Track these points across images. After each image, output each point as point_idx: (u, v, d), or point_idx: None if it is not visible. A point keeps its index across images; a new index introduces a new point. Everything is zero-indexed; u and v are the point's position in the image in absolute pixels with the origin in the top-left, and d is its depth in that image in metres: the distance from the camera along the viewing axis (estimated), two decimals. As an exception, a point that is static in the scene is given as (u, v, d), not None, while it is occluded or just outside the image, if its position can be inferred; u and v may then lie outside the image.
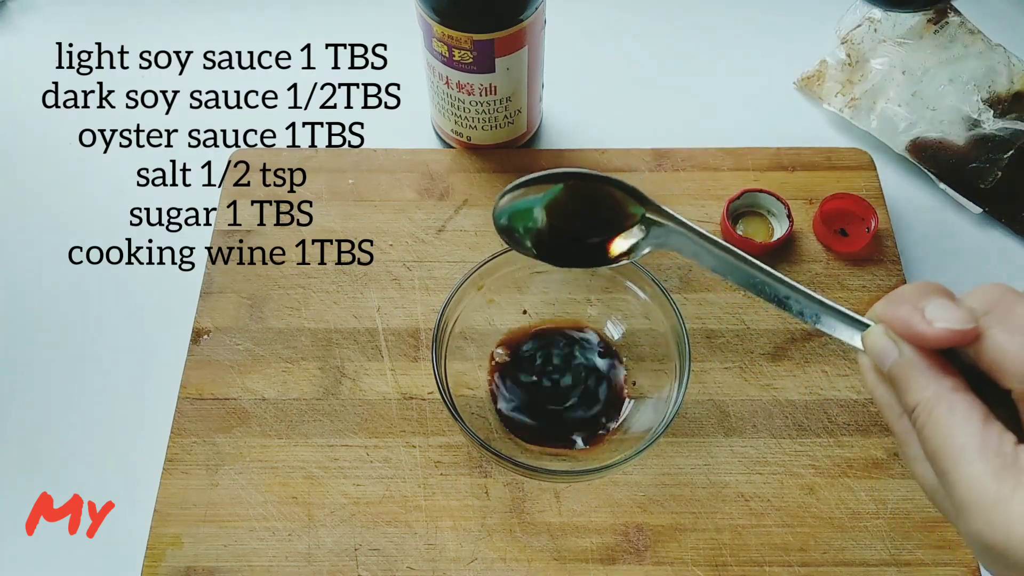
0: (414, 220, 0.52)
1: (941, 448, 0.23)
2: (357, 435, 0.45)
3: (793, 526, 0.42)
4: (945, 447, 0.23)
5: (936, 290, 0.25)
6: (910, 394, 0.24)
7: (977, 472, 0.22)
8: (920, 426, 0.24)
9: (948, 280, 0.50)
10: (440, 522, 0.42)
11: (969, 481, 0.22)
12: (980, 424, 0.23)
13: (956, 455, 0.23)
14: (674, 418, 0.39)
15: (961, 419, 0.23)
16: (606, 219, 0.34)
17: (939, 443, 0.23)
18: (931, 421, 0.24)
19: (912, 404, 0.24)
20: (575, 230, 0.35)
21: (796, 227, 0.51)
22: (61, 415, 0.47)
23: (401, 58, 0.57)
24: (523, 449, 0.43)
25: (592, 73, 0.61)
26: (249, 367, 0.47)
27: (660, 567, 0.41)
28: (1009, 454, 0.22)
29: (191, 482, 0.43)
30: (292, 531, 0.42)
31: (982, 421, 0.23)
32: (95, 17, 0.64)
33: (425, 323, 0.48)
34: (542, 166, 0.54)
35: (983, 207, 0.53)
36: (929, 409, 0.24)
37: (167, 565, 0.41)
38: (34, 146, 0.57)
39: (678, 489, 0.43)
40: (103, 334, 0.50)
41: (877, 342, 0.26)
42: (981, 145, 0.54)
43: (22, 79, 0.60)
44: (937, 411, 0.24)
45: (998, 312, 0.24)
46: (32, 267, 0.52)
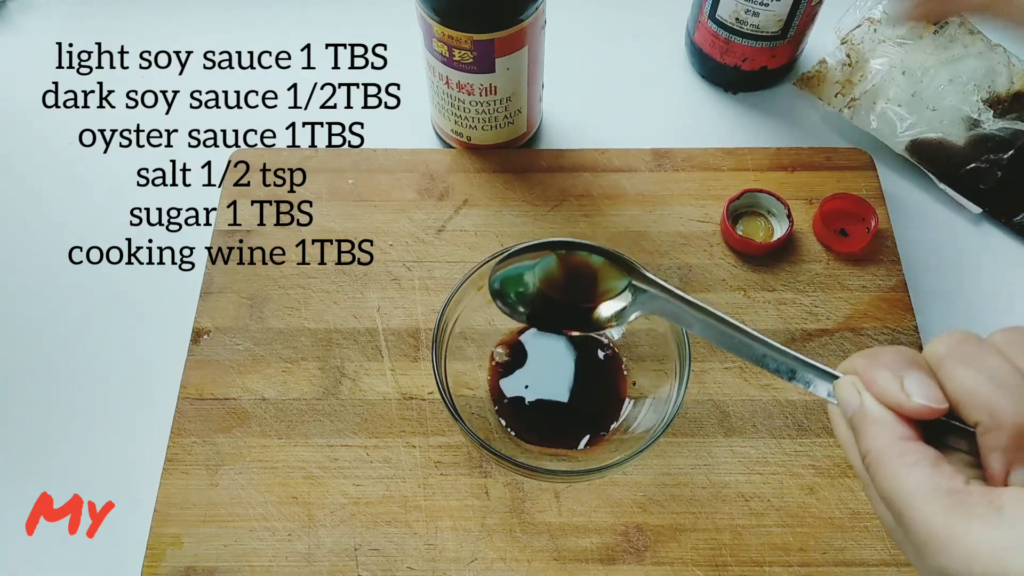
0: (414, 220, 0.52)
1: (894, 492, 0.24)
2: (357, 435, 0.45)
3: (793, 526, 0.42)
4: (897, 491, 0.24)
5: (914, 361, 0.26)
6: (864, 441, 0.26)
7: (931, 512, 0.23)
8: (872, 471, 0.25)
9: (948, 280, 0.51)
10: (440, 522, 0.42)
11: (924, 521, 0.23)
12: (930, 467, 0.24)
13: (908, 498, 0.24)
14: (674, 418, 0.39)
15: (911, 463, 0.24)
16: (594, 287, 0.37)
17: (891, 487, 0.24)
18: (882, 467, 0.25)
19: (864, 451, 0.26)
20: (565, 297, 0.37)
21: (796, 227, 0.51)
22: (61, 415, 0.47)
23: (401, 58, 0.58)
24: (523, 449, 0.43)
25: (592, 73, 0.61)
26: (249, 367, 0.47)
27: (660, 567, 0.41)
28: (961, 491, 0.23)
29: (191, 482, 0.43)
30: (292, 531, 0.42)
31: (932, 465, 0.24)
32: (95, 17, 0.64)
33: (425, 323, 0.48)
34: (542, 166, 0.54)
35: (983, 207, 0.53)
36: (879, 456, 0.25)
37: (167, 565, 0.41)
38: (34, 146, 0.57)
39: (678, 489, 0.43)
40: (103, 334, 0.50)
41: (845, 392, 0.27)
42: (981, 145, 0.54)
43: (22, 79, 0.60)
44: (886, 457, 0.25)
45: (958, 353, 0.25)
46: (32, 267, 0.52)
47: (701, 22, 0.56)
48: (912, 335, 0.47)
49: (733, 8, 0.53)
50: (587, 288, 0.37)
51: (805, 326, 0.48)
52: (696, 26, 0.58)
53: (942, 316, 0.50)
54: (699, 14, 0.56)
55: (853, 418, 0.26)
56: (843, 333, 0.48)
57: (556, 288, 0.37)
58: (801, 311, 0.48)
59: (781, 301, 0.49)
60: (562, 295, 0.37)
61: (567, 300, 0.37)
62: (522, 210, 0.52)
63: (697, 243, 0.51)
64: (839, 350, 0.47)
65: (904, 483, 0.24)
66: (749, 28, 0.54)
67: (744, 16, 0.53)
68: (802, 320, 0.48)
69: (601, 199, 0.53)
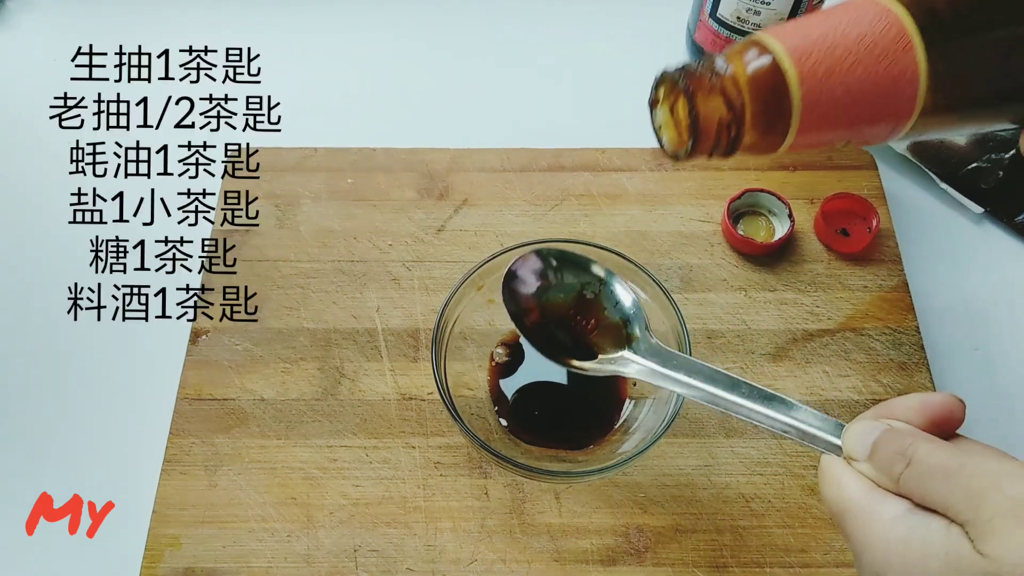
0: (413, 220, 0.52)
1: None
2: (356, 436, 0.44)
3: (794, 527, 0.42)
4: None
5: (923, 434, 0.27)
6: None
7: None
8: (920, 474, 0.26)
9: (950, 280, 0.51)
10: (440, 523, 0.42)
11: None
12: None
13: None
14: (674, 419, 0.39)
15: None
16: (599, 340, 0.39)
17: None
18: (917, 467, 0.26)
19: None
20: (564, 330, 0.39)
21: (797, 227, 0.51)
22: (61, 415, 0.47)
23: (401, 58, 0.57)
24: (523, 450, 0.43)
25: (593, 72, 0.61)
26: (248, 367, 0.47)
27: (660, 568, 0.41)
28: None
29: (190, 483, 0.43)
30: (291, 532, 0.42)
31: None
32: (95, 17, 0.63)
33: (425, 323, 0.48)
34: (542, 166, 0.54)
35: (984, 207, 0.53)
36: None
37: (166, 566, 0.41)
38: (32, 145, 0.57)
39: (678, 490, 0.43)
40: (102, 334, 0.49)
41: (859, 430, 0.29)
42: (982, 145, 0.54)
43: (22, 78, 0.59)
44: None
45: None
46: (31, 266, 0.52)
47: (702, 21, 0.56)
48: (913, 335, 0.47)
49: (734, 7, 0.53)
50: (589, 340, 0.39)
51: (806, 326, 0.48)
52: (697, 25, 0.57)
53: (943, 316, 0.50)
54: (700, 13, 0.56)
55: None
56: (844, 333, 0.47)
57: (561, 319, 0.39)
58: (802, 311, 0.48)
59: (782, 301, 0.49)
60: (561, 328, 0.39)
61: (565, 336, 0.39)
62: (522, 210, 0.52)
63: (698, 243, 0.51)
64: (840, 350, 0.47)
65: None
66: (751, 27, 0.53)
67: (745, 15, 0.53)
68: (803, 320, 0.48)
69: (601, 199, 0.52)
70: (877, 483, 0.27)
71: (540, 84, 0.61)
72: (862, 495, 0.27)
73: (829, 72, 0.29)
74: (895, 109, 0.30)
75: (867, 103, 0.30)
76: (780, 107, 0.30)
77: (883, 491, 0.26)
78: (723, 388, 0.33)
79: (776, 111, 0.30)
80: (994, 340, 0.49)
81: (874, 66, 0.29)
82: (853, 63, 0.29)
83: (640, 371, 0.37)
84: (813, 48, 0.29)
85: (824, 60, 0.29)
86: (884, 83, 0.29)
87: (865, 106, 0.30)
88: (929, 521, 0.25)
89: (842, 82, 0.29)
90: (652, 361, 0.37)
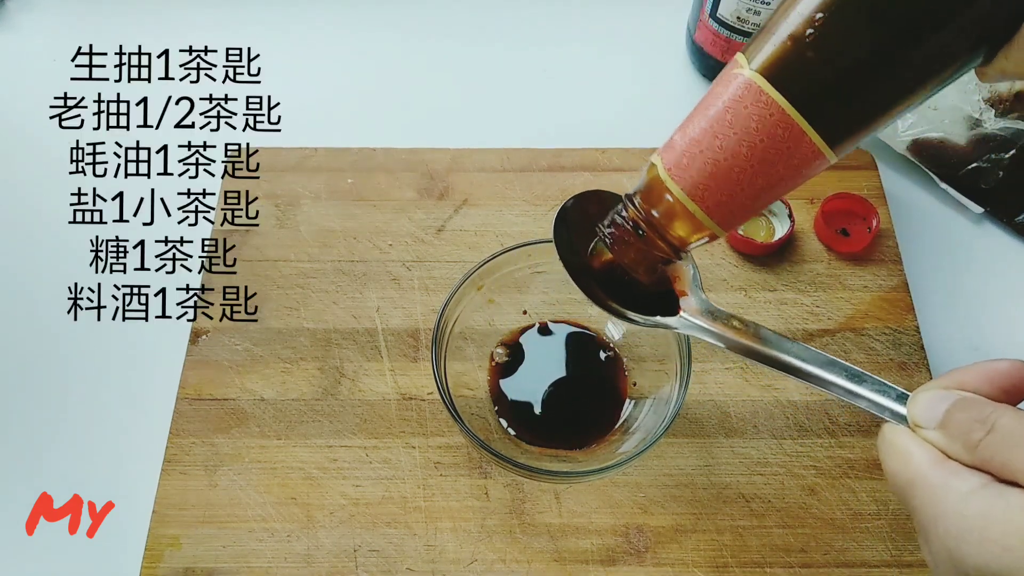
0: (414, 220, 0.52)
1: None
2: (356, 436, 0.44)
3: (794, 527, 0.42)
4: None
5: (1002, 404, 0.26)
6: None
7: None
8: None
9: (950, 280, 0.51)
10: (440, 523, 0.42)
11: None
12: None
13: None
14: (675, 419, 0.39)
15: None
16: (650, 293, 0.35)
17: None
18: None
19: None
20: (616, 280, 0.35)
21: (797, 227, 0.51)
22: (61, 415, 0.47)
23: (401, 59, 0.57)
24: (523, 450, 0.43)
25: (593, 72, 0.61)
26: (248, 367, 0.47)
27: (660, 568, 0.41)
28: None
29: (190, 483, 0.43)
30: (291, 532, 0.42)
31: None
32: (95, 17, 0.63)
33: (425, 323, 0.48)
34: (542, 166, 0.54)
35: (984, 207, 0.53)
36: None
37: (165, 566, 0.41)
38: (32, 145, 0.57)
39: (679, 490, 0.43)
40: (102, 334, 0.49)
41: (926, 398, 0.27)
42: (982, 145, 0.54)
43: (21, 79, 0.59)
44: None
45: None
46: (31, 266, 0.52)
47: (702, 21, 0.56)
48: (913, 335, 0.47)
49: (734, 7, 0.53)
50: (640, 290, 0.35)
51: (806, 326, 0.48)
52: (697, 25, 0.57)
53: (943, 316, 0.50)
54: (700, 13, 0.56)
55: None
56: (844, 333, 0.47)
57: (611, 270, 0.35)
58: (802, 311, 0.48)
59: (782, 301, 0.49)
60: (613, 278, 0.35)
61: (615, 285, 0.35)
62: (522, 210, 0.52)
63: (698, 243, 0.51)
64: (840, 350, 0.47)
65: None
66: (751, 27, 0.53)
67: (745, 15, 0.53)
68: (803, 320, 0.48)
69: (601, 199, 0.52)
70: (947, 453, 0.25)
71: (540, 84, 0.61)
72: (932, 466, 0.25)
73: (714, 173, 0.30)
74: (803, 161, 0.29)
75: (767, 174, 0.29)
76: (691, 224, 0.31)
77: (955, 463, 0.25)
78: (772, 347, 0.32)
79: (690, 227, 0.31)
80: (994, 340, 0.49)
81: (754, 144, 0.29)
82: (734, 149, 0.29)
83: (690, 327, 0.34)
84: (690, 160, 0.30)
85: (704, 163, 0.30)
86: (774, 153, 0.29)
87: (769, 176, 0.29)
88: (1009, 495, 0.23)
89: (730, 171, 0.29)
90: (703, 319, 0.34)
